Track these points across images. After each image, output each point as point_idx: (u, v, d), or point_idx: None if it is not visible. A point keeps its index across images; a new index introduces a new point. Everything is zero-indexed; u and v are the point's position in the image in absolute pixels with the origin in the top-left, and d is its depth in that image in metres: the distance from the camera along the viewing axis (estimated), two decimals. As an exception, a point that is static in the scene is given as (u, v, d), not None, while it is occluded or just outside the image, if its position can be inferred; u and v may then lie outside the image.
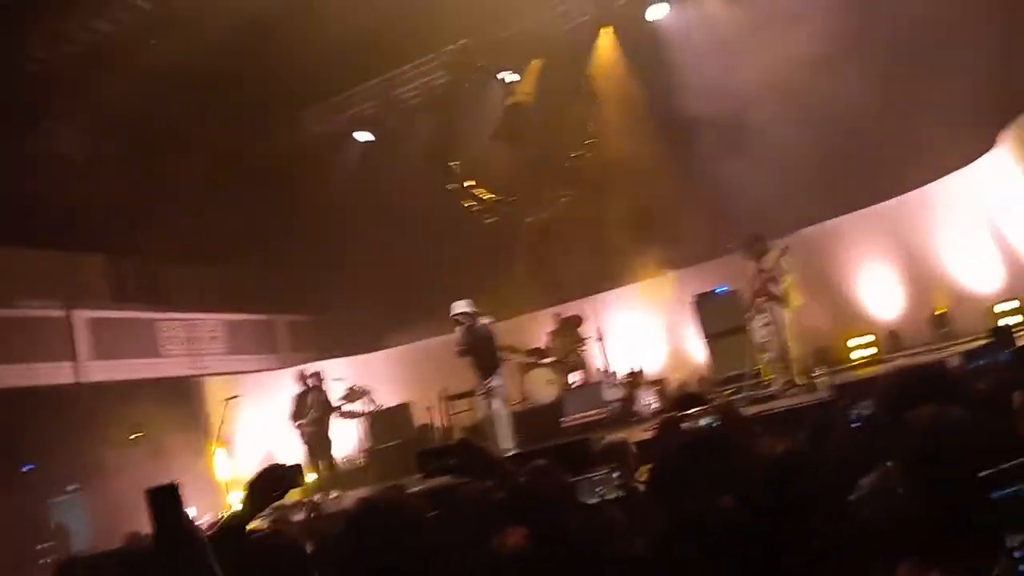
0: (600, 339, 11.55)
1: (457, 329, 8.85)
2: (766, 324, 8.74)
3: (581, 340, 11.81)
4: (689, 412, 2.55)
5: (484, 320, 8.94)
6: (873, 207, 11.17)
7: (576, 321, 11.93)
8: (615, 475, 2.34)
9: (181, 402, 12.24)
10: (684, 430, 2.45)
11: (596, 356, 11.76)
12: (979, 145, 9.85)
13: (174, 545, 2.32)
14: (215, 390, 12.20)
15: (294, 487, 2.38)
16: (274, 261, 13.41)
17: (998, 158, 9.65)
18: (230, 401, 10.44)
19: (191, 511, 8.15)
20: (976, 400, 2.44)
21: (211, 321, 13.60)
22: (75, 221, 11.24)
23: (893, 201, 11.03)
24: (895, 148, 10.21)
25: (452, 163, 14.17)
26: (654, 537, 2.21)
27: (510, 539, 2.31)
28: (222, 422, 10.25)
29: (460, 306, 8.86)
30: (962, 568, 1.30)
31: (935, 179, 10.64)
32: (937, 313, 10.41)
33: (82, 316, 11.54)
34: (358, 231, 13.29)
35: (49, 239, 11.36)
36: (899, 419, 1.65)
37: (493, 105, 14.17)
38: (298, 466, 2.48)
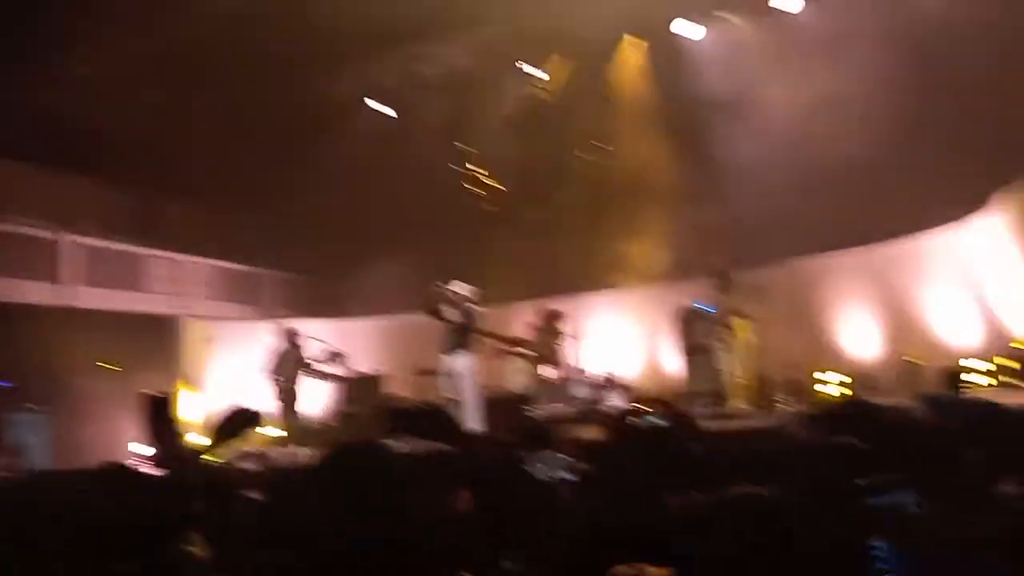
0: (578, 338, 11.67)
1: (445, 308, 8.93)
2: (724, 351, 9.11)
3: (559, 336, 11.92)
4: (638, 408, 2.68)
5: (476, 307, 9.09)
6: (864, 248, 11.33)
7: (557, 316, 12.03)
8: (562, 456, 2.47)
9: (157, 340, 12.30)
10: (631, 424, 2.57)
11: (572, 354, 11.89)
12: (972, 203, 10.04)
13: (171, 451, 2.43)
14: (193, 332, 12.26)
15: (253, 429, 2.49)
16: (272, 215, 13.44)
17: (989, 219, 9.83)
18: (207, 344, 10.50)
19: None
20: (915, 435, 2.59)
21: (200, 264, 13.68)
22: (84, 144, 11.30)
23: (884, 245, 11.19)
24: (894, 193, 10.38)
25: (462, 146, 14.25)
26: (589, 520, 2.34)
27: (460, 503, 2.44)
28: (195, 364, 10.32)
29: (460, 287, 8.99)
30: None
31: (926, 229, 10.83)
32: (910, 361, 10.58)
33: (71, 240, 11.60)
34: (360, 199, 13.36)
35: (52, 158, 11.44)
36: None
37: (511, 96, 14.27)
38: (258, 411, 2.59)
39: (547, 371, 11.62)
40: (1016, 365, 8.99)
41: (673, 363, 11.42)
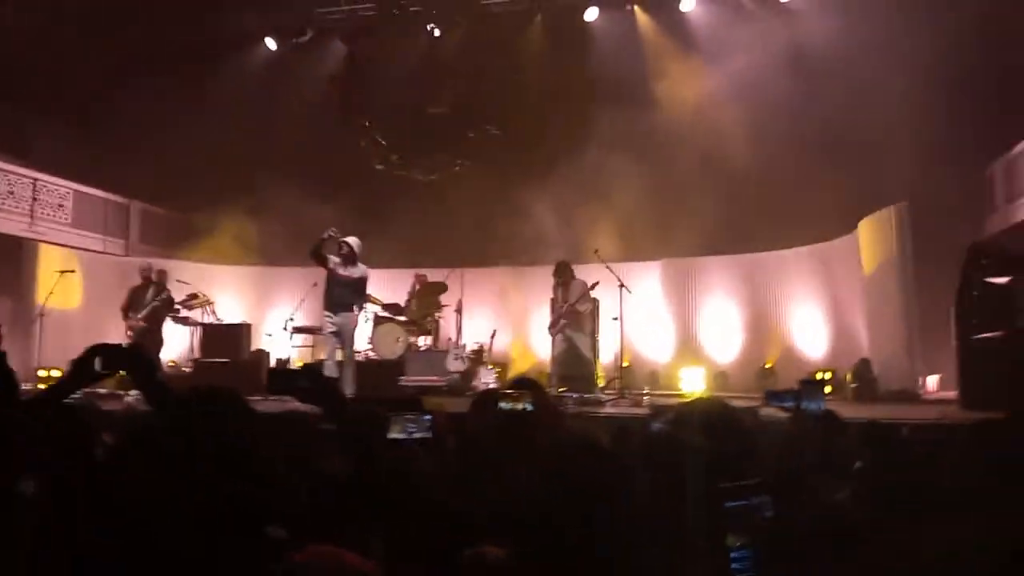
0: (458, 311, 11.73)
1: (333, 258, 8.66)
2: (564, 343, 9.40)
3: (439, 307, 11.94)
4: (507, 391, 2.74)
5: (361, 266, 8.83)
6: (736, 256, 11.93)
7: (439, 288, 12.04)
8: (426, 418, 2.50)
9: (8, 263, 11.48)
10: (498, 407, 2.62)
11: (450, 326, 11.94)
12: (841, 227, 10.72)
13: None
14: (49, 259, 11.51)
15: (124, 370, 2.37)
16: (148, 146, 12.70)
17: (851, 242, 10.54)
18: (64, 274, 9.87)
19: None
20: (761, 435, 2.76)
21: (62, 187, 12.79)
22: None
23: (754, 255, 11.82)
24: (775, 207, 10.94)
25: (355, 98, 13.92)
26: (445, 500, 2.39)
27: (328, 467, 2.44)
28: (50, 293, 9.68)
29: (354, 241, 8.71)
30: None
31: (797, 245, 11.49)
32: (766, 366, 11.25)
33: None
34: (244, 139, 12.84)
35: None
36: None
37: (414, 54, 14.03)
38: (134, 350, 2.48)
39: (422, 340, 11.63)
40: (851, 378, 9.67)
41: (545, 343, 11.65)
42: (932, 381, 9.77)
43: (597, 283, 9.35)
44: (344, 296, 8.59)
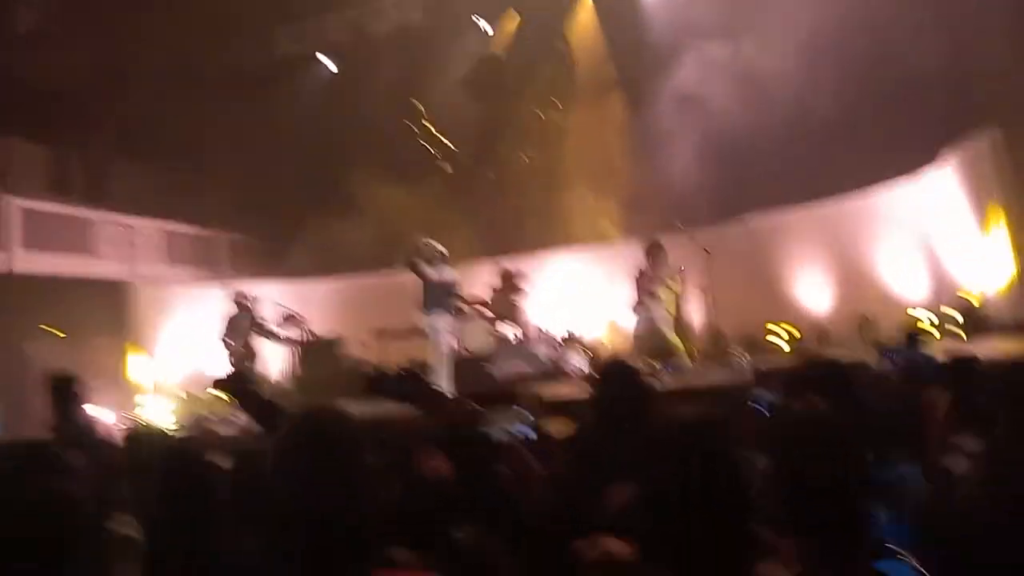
0: (540, 297, 11.72)
1: (425, 264, 8.93)
2: (647, 319, 9.16)
3: (518, 294, 11.94)
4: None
5: (451, 269, 9.16)
6: (815, 204, 11.47)
7: (518, 276, 12.06)
8: (524, 412, 2.49)
9: (109, 305, 12.03)
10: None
11: (534, 313, 11.93)
12: (921, 157, 10.20)
13: (69, 434, 2.38)
14: (145, 297, 12.01)
15: (235, 397, 2.46)
16: (222, 176, 13.13)
17: (941, 173, 10.02)
18: (159, 308, 10.28)
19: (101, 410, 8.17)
20: (883, 394, 2.63)
21: (151, 228, 13.34)
22: (22, 104, 10.90)
23: (834, 201, 11.33)
24: (844, 149, 10.49)
25: (416, 103, 14.05)
26: (563, 489, 2.36)
27: (434, 464, 2.45)
28: (148, 328, 10.12)
29: (442, 247, 9.04)
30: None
31: (877, 184, 10.98)
32: (862, 316, 10.78)
33: (17, 204, 11.21)
34: (311, 157, 13.13)
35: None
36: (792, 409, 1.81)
37: (465, 53, 14.08)
38: (240, 376, 2.57)
39: (507, 330, 11.66)
40: (957, 315, 9.23)
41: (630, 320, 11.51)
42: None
43: (683, 269, 9.21)
44: (438, 298, 8.83)
